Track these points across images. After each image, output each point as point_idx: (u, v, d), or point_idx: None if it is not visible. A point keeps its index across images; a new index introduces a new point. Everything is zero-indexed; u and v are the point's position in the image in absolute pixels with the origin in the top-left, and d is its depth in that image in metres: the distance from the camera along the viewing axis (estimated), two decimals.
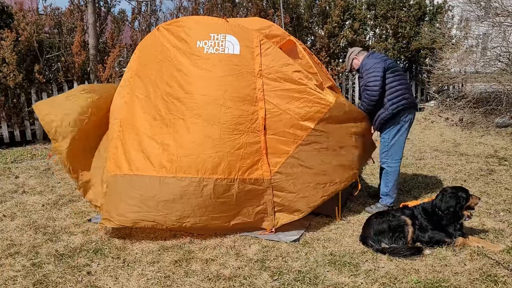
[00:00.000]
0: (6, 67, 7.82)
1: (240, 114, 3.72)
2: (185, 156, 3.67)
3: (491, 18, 9.12)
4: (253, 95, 3.76)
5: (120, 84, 4.40)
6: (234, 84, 3.76)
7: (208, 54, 3.84)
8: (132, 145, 3.91)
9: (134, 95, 4.13)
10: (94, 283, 3.08)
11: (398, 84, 4.17)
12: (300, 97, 3.78)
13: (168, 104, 3.88)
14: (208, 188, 3.61)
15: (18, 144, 8.25)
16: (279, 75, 3.80)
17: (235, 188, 3.65)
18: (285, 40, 4.09)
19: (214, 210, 3.63)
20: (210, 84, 3.78)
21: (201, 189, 3.60)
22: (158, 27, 4.20)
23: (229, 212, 3.70)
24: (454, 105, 10.14)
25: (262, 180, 3.71)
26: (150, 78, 4.08)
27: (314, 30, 11.41)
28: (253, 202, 3.75)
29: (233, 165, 3.65)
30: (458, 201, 3.45)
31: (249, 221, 3.77)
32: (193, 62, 3.86)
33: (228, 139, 3.68)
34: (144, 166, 3.74)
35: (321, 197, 3.82)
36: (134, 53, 4.40)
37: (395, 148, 4.28)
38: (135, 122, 3.99)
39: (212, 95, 3.75)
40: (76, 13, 9.92)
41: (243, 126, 3.71)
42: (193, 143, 3.70)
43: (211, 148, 3.67)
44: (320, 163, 3.83)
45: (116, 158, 3.96)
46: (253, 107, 3.75)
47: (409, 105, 4.18)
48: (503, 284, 2.91)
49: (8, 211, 4.61)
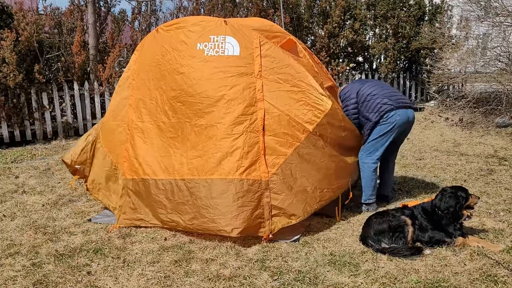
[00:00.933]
0: (6, 67, 7.82)
1: (239, 115, 3.72)
2: (193, 158, 3.75)
3: (491, 18, 9.13)
4: (253, 96, 3.76)
5: (119, 84, 4.41)
6: (234, 85, 3.76)
7: (208, 56, 3.86)
8: (142, 149, 4.00)
9: (139, 98, 4.16)
10: (94, 283, 3.08)
11: (371, 94, 4.23)
12: (299, 99, 3.79)
13: (175, 108, 3.93)
14: (207, 188, 3.62)
15: (18, 144, 8.25)
16: (279, 76, 3.80)
17: (232, 189, 3.58)
18: (286, 40, 4.08)
19: (214, 212, 3.61)
20: (212, 86, 3.80)
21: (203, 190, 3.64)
22: (157, 28, 4.20)
23: (228, 215, 3.60)
24: (454, 105, 10.14)
25: (260, 181, 3.63)
26: (153, 81, 4.10)
27: (314, 30, 11.41)
28: (251, 204, 3.60)
29: (232, 165, 3.63)
30: (458, 200, 3.45)
31: (247, 226, 3.56)
32: (194, 65, 3.88)
33: (227, 139, 3.68)
34: (158, 169, 3.85)
35: (318, 201, 3.79)
36: (134, 53, 4.41)
37: (373, 145, 4.23)
38: (144, 126, 4.07)
39: (213, 97, 3.78)
40: (76, 13, 9.91)
41: (242, 126, 3.71)
42: (199, 145, 3.76)
43: (213, 148, 3.69)
44: (317, 168, 3.82)
45: (129, 162, 4.06)
46: (253, 108, 3.75)
47: (391, 107, 4.14)
48: (503, 284, 2.91)
49: (8, 211, 4.61)
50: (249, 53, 3.80)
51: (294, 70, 3.84)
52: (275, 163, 3.71)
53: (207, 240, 3.71)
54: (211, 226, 3.57)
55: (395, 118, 4.14)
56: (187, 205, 3.70)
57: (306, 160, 3.78)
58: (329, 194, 3.88)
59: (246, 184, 3.60)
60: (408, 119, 4.25)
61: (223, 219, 3.54)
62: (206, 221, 3.59)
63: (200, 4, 11.19)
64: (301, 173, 3.75)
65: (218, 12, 10.66)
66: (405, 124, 4.25)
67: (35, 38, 8.42)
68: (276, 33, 4.16)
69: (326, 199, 3.86)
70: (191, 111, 3.84)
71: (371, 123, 4.19)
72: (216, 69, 3.81)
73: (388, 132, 4.18)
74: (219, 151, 3.67)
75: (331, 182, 3.91)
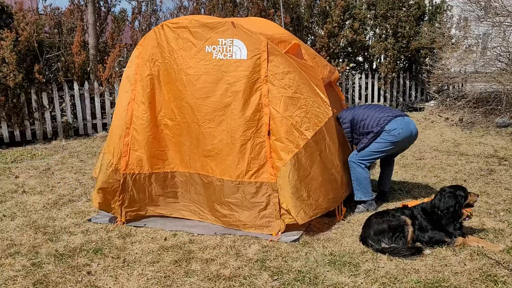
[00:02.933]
0: (6, 67, 7.82)
1: (247, 120, 3.79)
2: (200, 157, 3.96)
3: (491, 18, 9.12)
4: (259, 101, 3.79)
5: (124, 80, 4.39)
6: (242, 90, 3.79)
7: (216, 59, 3.87)
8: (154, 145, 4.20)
9: (153, 96, 4.18)
10: (94, 283, 3.08)
11: (367, 114, 4.32)
12: (300, 106, 3.82)
13: (181, 108, 4.02)
14: (217, 189, 3.89)
15: (18, 144, 8.25)
16: (283, 82, 3.81)
17: (241, 191, 3.81)
18: (291, 45, 4.08)
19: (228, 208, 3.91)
20: (220, 90, 3.86)
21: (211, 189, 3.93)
22: (162, 25, 4.12)
23: (235, 214, 3.89)
24: (454, 105, 10.13)
25: (268, 184, 3.77)
26: (161, 78, 4.12)
27: (314, 30, 11.41)
28: (260, 205, 3.81)
29: (241, 169, 3.80)
30: (457, 200, 3.46)
31: (255, 224, 3.84)
32: (203, 68, 3.91)
33: (236, 143, 3.80)
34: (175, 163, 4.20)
35: (314, 209, 3.79)
36: (136, 48, 4.32)
37: (370, 154, 4.29)
38: (158, 122, 4.20)
39: (222, 101, 3.85)
40: (76, 13, 9.91)
41: (250, 131, 3.80)
42: (208, 146, 3.91)
43: (221, 152, 3.86)
44: (312, 176, 3.83)
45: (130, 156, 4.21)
46: (259, 113, 3.80)
47: (390, 117, 4.23)
48: (503, 284, 2.91)
49: (8, 211, 4.61)
50: (256, 58, 3.79)
51: (298, 76, 3.86)
52: (279, 166, 3.76)
53: (207, 240, 3.71)
54: (225, 220, 3.93)
55: (392, 127, 4.17)
56: (201, 197, 4.07)
57: (303, 167, 3.79)
58: (324, 204, 3.90)
59: (254, 187, 3.79)
60: (411, 133, 4.30)
61: (240, 214, 3.87)
62: (219, 216, 3.94)
63: (200, 4, 11.19)
64: (298, 180, 3.77)
65: (219, 12, 10.65)
66: (408, 137, 4.30)
67: (35, 38, 8.42)
68: (283, 38, 4.16)
69: (322, 208, 3.87)
70: (200, 113, 3.92)
71: (373, 134, 4.23)
72: (224, 73, 3.84)
73: (382, 139, 4.22)
74: (229, 155, 3.83)
75: (326, 193, 3.92)
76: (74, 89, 8.82)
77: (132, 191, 4.13)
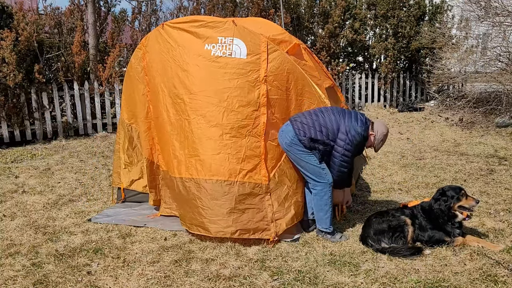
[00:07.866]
0: (6, 67, 7.82)
1: (243, 118, 3.73)
2: (190, 157, 3.74)
3: (491, 18, 9.12)
4: (257, 100, 3.76)
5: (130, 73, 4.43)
6: (239, 88, 3.75)
7: (215, 56, 3.83)
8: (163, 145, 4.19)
9: (156, 92, 4.18)
10: (94, 283, 3.08)
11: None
12: (295, 107, 3.82)
13: (175, 106, 3.93)
14: (208, 189, 3.62)
15: (18, 144, 8.25)
16: (282, 83, 3.80)
17: (234, 191, 3.60)
18: (291, 45, 4.08)
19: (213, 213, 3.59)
20: (215, 86, 3.78)
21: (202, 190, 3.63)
22: (162, 24, 4.14)
23: (229, 216, 3.60)
24: (454, 105, 10.13)
25: (261, 185, 3.66)
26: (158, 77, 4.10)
27: (314, 30, 11.41)
28: (253, 207, 3.63)
29: (234, 167, 3.64)
30: (446, 199, 3.47)
31: (251, 228, 3.59)
32: (200, 64, 3.85)
33: (229, 141, 3.69)
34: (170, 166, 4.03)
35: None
36: (137, 48, 4.33)
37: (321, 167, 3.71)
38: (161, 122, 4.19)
39: (216, 97, 3.76)
40: (76, 13, 9.90)
41: (245, 129, 3.72)
42: (196, 144, 3.73)
43: (212, 150, 3.68)
44: (301, 179, 3.83)
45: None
46: (256, 112, 3.75)
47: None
48: (503, 284, 2.91)
49: (8, 211, 4.61)
50: (256, 57, 3.78)
51: (298, 77, 3.85)
52: (273, 167, 3.74)
53: (207, 240, 3.71)
54: (211, 227, 3.55)
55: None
56: (186, 204, 3.72)
57: (291, 170, 3.80)
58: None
59: (248, 187, 3.63)
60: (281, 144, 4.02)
61: (223, 220, 3.54)
62: (204, 222, 3.58)
63: (200, 4, 11.18)
64: (290, 181, 3.78)
65: (219, 12, 10.65)
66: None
67: (35, 38, 8.42)
68: (283, 39, 4.15)
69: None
70: (191, 108, 3.81)
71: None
72: (222, 70, 3.79)
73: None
74: (220, 152, 3.66)
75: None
76: (74, 89, 8.82)
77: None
